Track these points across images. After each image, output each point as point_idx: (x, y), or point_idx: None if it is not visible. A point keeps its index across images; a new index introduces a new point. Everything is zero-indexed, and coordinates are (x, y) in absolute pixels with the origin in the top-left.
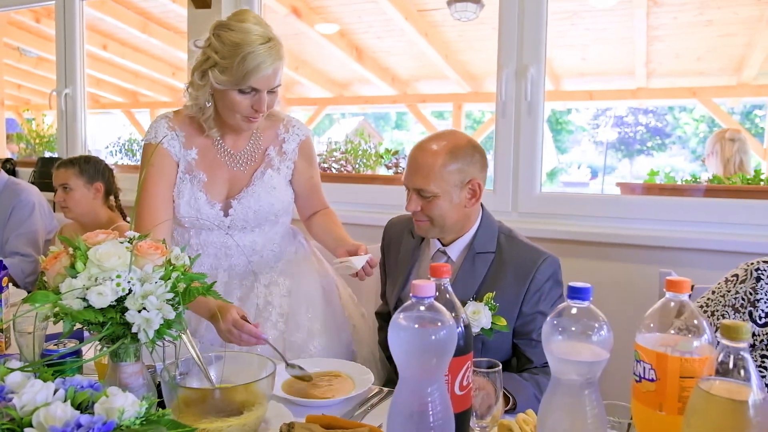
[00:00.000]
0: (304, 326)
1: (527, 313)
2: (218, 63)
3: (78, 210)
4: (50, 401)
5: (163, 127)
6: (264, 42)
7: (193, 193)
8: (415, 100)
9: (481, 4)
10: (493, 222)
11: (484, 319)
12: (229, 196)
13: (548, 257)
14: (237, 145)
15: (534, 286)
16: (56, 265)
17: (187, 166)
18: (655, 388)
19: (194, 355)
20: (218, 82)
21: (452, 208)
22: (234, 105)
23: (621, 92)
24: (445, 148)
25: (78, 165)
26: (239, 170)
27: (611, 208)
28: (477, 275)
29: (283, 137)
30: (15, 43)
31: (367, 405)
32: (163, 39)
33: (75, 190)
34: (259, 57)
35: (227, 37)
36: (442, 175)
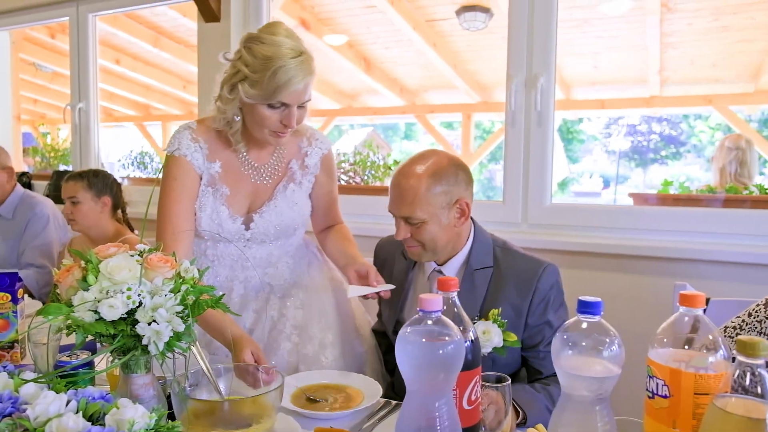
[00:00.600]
0: (316, 337)
1: (533, 325)
2: (248, 76)
3: (85, 223)
4: (62, 412)
5: (186, 139)
6: (296, 56)
7: (215, 207)
8: (423, 111)
9: (491, 14)
10: (486, 236)
11: (496, 337)
12: (250, 210)
13: (548, 266)
14: (261, 158)
15: (538, 296)
16: (69, 278)
17: (210, 179)
18: (668, 404)
19: (204, 367)
20: (248, 96)
21: (442, 230)
22: (263, 119)
23: (634, 100)
24: (427, 171)
25: (87, 178)
26: (262, 183)
27: (624, 219)
28: (478, 292)
29: (305, 150)
30: (31, 58)
31: (375, 418)
32: (174, 53)
33: (83, 204)
34: (291, 71)
35: (258, 51)
36: (428, 200)
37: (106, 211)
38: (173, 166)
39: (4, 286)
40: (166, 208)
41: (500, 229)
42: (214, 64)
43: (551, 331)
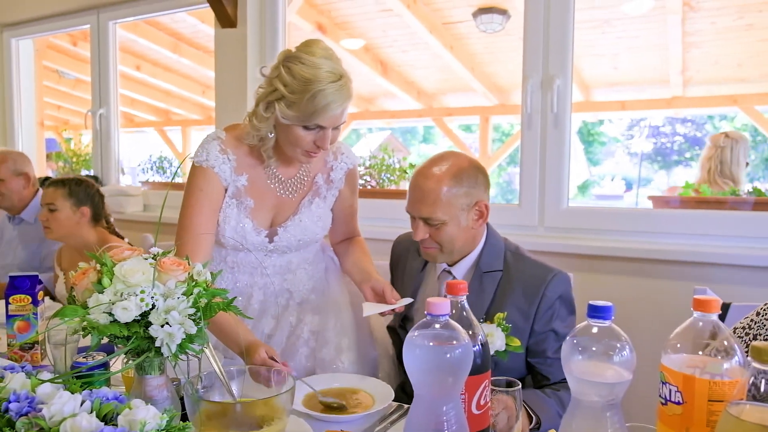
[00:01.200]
0: (332, 342)
1: (539, 332)
2: (286, 96)
3: (59, 232)
4: (77, 412)
5: (214, 150)
6: (335, 80)
7: (239, 219)
8: (440, 114)
9: (508, 15)
10: (499, 240)
11: (498, 341)
12: (274, 223)
13: (557, 273)
14: (288, 172)
15: (545, 304)
16: (84, 280)
17: (235, 192)
18: (681, 411)
19: (216, 369)
20: (284, 117)
21: (460, 231)
22: (297, 140)
23: (655, 101)
24: (448, 172)
25: (68, 186)
26: (287, 197)
27: (642, 222)
28: (485, 295)
29: (331, 165)
30: (54, 66)
31: (386, 421)
32: (193, 59)
33: (60, 212)
34: (329, 96)
35: (298, 72)
36: (449, 201)
37: (84, 222)
38: (200, 177)
39: (25, 289)
40: (188, 218)
41: (516, 233)
42: (232, 69)
43: (557, 339)
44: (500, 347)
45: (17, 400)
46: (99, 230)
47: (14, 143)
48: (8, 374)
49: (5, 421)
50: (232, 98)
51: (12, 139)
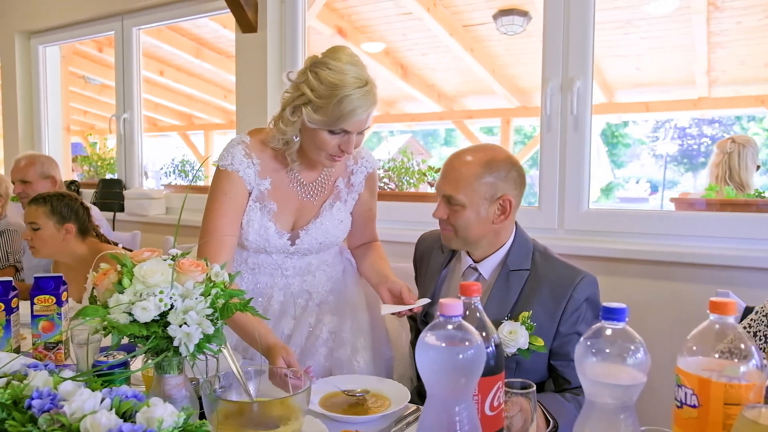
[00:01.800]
0: (348, 342)
1: (564, 334)
2: (312, 101)
3: (45, 251)
4: (97, 409)
5: (239, 154)
6: (361, 85)
7: (262, 223)
8: (461, 117)
9: (529, 17)
10: (528, 240)
11: (522, 339)
12: (296, 226)
13: (586, 276)
14: (310, 176)
15: (571, 305)
16: (105, 281)
17: (258, 195)
18: (697, 414)
19: (234, 369)
20: (310, 121)
21: (478, 221)
22: (322, 144)
23: (680, 103)
24: (480, 159)
25: (50, 203)
26: (309, 200)
27: (664, 224)
28: (512, 293)
29: (351, 169)
30: (80, 71)
31: (402, 423)
32: (215, 63)
33: (43, 230)
34: (356, 101)
35: (325, 77)
36: (473, 186)
37: (71, 238)
38: (224, 181)
39: (49, 289)
40: (212, 221)
41: (536, 236)
42: (252, 74)
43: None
44: (523, 345)
45: (40, 397)
46: (90, 241)
47: (41, 147)
48: (31, 372)
49: (28, 417)
50: (253, 102)
51: (39, 143)
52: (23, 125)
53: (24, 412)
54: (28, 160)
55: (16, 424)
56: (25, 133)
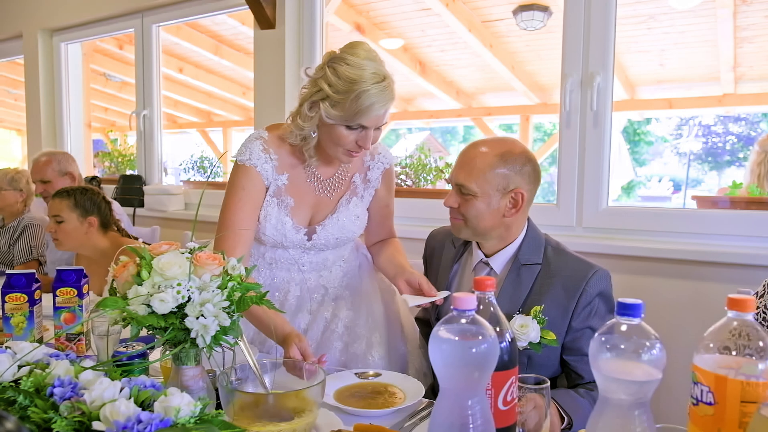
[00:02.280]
0: (363, 336)
1: (577, 328)
2: (330, 96)
3: (69, 244)
4: (116, 398)
5: (257, 149)
6: (379, 81)
7: (279, 218)
8: (480, 114)
9: (549, 12)
10: (540, 235)
11: (533, 332)
12: (313, 222)
13: (599, 270)
14: (327, 172)
15: (584, 300)
16: (124, 273)
17: (276, 191)
18: (713, 412)
19: (250, 361)
20: (328, 116)
21: (489, 212)
22: (339, 139)
23: (705, 99)
24: (497, 150)
25: (74, 196)
26: (325, 196)
27: (685, 223)
28: (523, 287)
29: (368, 164)
30: (101, 69)
31: (416, 417)
32: (234, 60)
33: (67, 223)
34: (373, 97)
35: (343, 72)
36: (486, 176)
37: (93, 231)
38: (242, 176)
39: (71, 282)
40: (229, 214)
41: (554, 233)
42: (270, 70)
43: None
44: (534, 339)
45: (61, 386)
46: (111, 235)
47: (63, 144)
48: (53, 361)
49: (50, 404)
50: (271, 98)
51: (61, 139)
52: (46, 122)
53: (46, 399)
54: (46, 159)
55: (38, 411)
56: (47, 129)
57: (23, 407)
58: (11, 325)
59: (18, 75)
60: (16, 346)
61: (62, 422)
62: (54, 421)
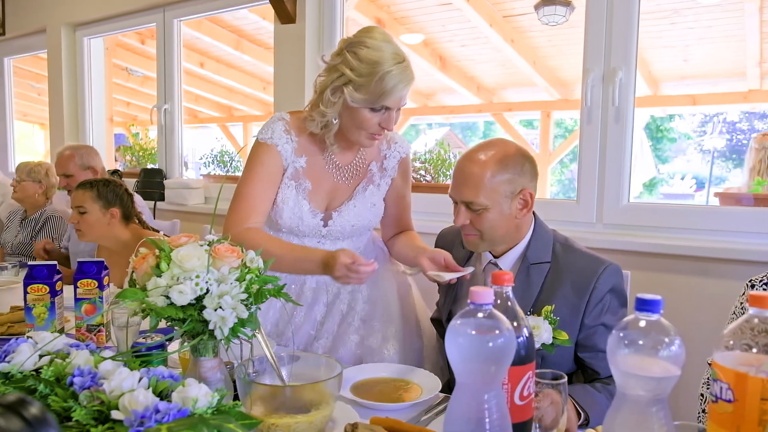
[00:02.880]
0: (379, 330)
1: (590, 326)
2: (353, 80)
3: (92, 234)
4: (135, 388)
5: (279, 129)
6: (400, 61)
7: (297, 201)
8: (500, 109)
9: (572, 7)
10: (547, 231)
11: (545, 333)
12: (329, 208)
13: (609, 265)
14: (345, 159)
15: (595, 297)
16: (144, 265)
17: (294, 173)
18: (732, 409)
19: (267, 354)
20: (354, 100)
21: (503, 219)
22: (363, 122)
23: (730, 95)
24: (493, 157)
25: (96, 188)
26: (343, 183)
27: (707, 220)
28: (533, 287)
29: (384, 153)
30: (123, 63)
31: (433, 412)
32: (254, 55)
33: (90, 214)
34: (396, 77)
35: (364, 55)
36: (493, 186)
37: (115, 222)
38: (263, 152)
39: (92, 274)
40: (245, 187)
41: (573, 229)
42: (290, 65)
43: (607, 333)
44: (547, 340)
45: (81, 375)
46: (132, 227)
47: (85, 138)
48: (73, 351)
49: (70, 393)
50: (291, 93)
51: (83, 134)
52: (68, 116)
53: (66, 388)
54: (69, 153)
55: (58, 400)
56: (70, 123)
57: (44, 396)
58: (33, 315)
59: (41, 69)
60: (38, 336)
61: (81, 411)
62: (73, 410)
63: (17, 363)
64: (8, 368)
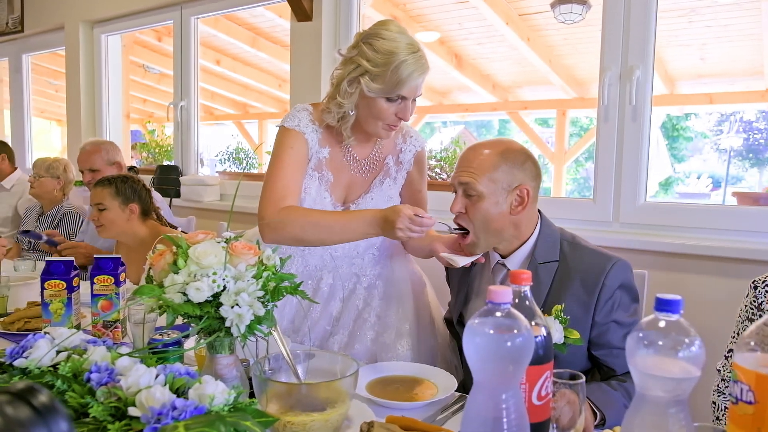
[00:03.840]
0: (393, 326)
1: (601, 323)
2: (369, 71)
3: (112, 230)
4: (152, 384)
5: (305, 119)
6: (415, 51)
7: (319, 192)
8: (516, 107)
9: (588, 5)
10: (554, 230)
11: (557, 333)
12: (347, 201)
13: (617, 261)
14: (362, 152)
15: (605, 294)
16: (161, 261)
17: (317, 164)
18: (753, 411)
19: (283, 351)
20: (370, 90)
21: (497, 212)
22: (380, 113)
23: (747, 94)
24: (496, 149)
25: (115, 185)
26: (360, 176)
27: (725, 219)
28: (542, 286)
29: (400, 147)
30: (140, 60)
31: (449, 411)
32: (270, 53)
33: (109, 210)
34: (412, 66)
35: (380, 46)
36: (491, 175)
37: (134, 218)
38: (291, 138)
39: (108, 270)
40: (277, 172)
41: (589, 228)
42: (306, 62)
43: (620, 329)
44: (558, 340)
45: (98, 371)
46: (150, 224)
47: (102, 134)
48: (90, 347)
49: (87, 389)
50: (307, 90)
51: (100, 130)
52: (86, 113)
53: (83, 384)
54: (93, 148)
55: (75, 396)
56: (87, 120)
57: (61, 392)
58: (50, 311)
59: (59, 66)
60: (55, 331)
61: (99, 407)
62: (91, 406)
63: (35, 359)
64: (26, 364)
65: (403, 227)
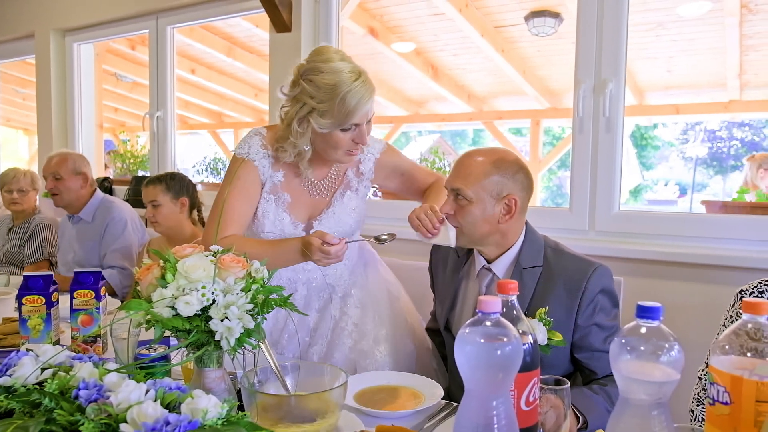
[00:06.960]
0: (370, 333)
1: (583, 326)
2: (316, 108)
3: (167, 224)
4: (142, 400)
5: (256, 144)
6: (357, 78)
7: (277, 214)
8: (491, 117)
9: (560, 19)
10: (539, 237)
11: (540, 335)
12: (311, 217)
13: (598, 267)
14: (320, 174)
15: (587, 297)
16: (149, 275)
17: (272, 187)
18: (729, 411)
19: (272, 363)
20: (321, 127)
21: (484, 219)
22: (337, 143)
23: (711, 105)
24: (490, 158)
25: (165, 181)
26: (320, 197)
27: (695, 227)
28: (526, 290)
29: (359, 158)
30: (113, 69)
31: (436, 419)
32: (246, 62)
33: (163, 206)
34: (358, 94)
35: (321, 81)
36: (482, 183)
37: (185, 212)
38: (240, 167)
39: (88, 284)
40: (221, 200)
41: (566, 236)
42: (285, 73)
43: (601, 332)
44: (542, 342)
45: (86, 388)
46: (192, 223)
47: (74, 144)
48: (77, 364)
49: (75, 406)
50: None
51: (73, 140)
52: (57, 122)
53: (71, 402)
54: (61, 157)
55: (64, 413)
56: (59, 130)
57: (48, 410)
58: (28, 327)
59: (26, 74)
60: (38, 348)
61: (90, 424)
62: (81, 423)
63: (20, 376)
64: (11, 382)
65: (319, 257)
